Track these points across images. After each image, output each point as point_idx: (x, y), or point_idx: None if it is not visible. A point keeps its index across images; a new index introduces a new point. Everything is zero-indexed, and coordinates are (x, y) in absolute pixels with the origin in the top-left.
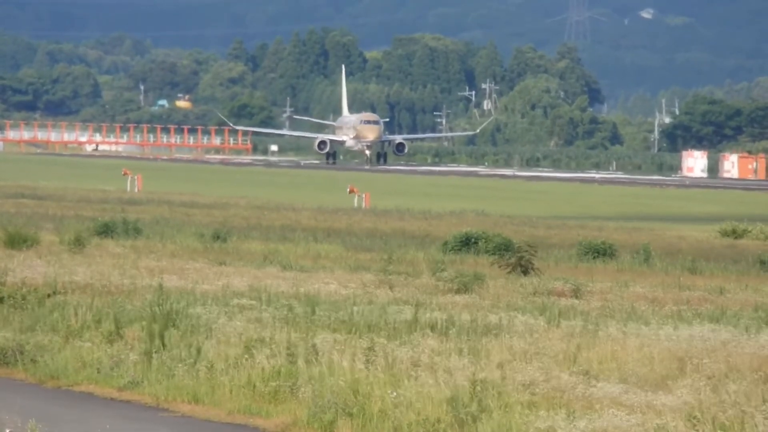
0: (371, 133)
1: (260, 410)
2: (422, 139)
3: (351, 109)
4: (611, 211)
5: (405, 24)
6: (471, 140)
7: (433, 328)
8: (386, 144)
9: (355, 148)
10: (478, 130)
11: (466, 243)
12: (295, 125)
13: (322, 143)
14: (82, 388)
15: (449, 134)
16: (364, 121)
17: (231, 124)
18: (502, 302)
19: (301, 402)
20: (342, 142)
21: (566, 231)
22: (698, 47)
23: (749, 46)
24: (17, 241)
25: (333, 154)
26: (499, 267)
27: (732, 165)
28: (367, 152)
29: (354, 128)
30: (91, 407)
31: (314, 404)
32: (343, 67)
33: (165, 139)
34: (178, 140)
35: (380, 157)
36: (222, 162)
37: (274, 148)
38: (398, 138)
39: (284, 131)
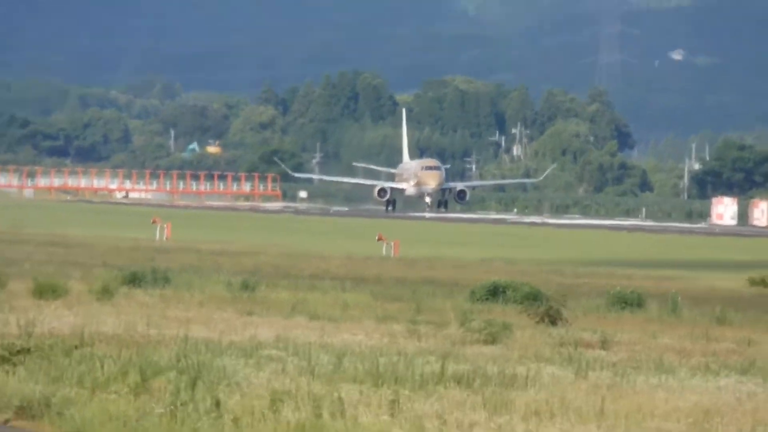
0: (433, 180)
1: None
2: (483, 187)
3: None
4: (640, 259)
5: (436, 66)
6: (501, 186)
7: (459, 381)
8: (447, 191)
9: (416, 196)
10: (542, 177)
11: (494, 292)
12: (326, 170)
13: (382, 191)
14: None
15: (512, 181)
16: (426, 167)
17: (290, 171)
18: (529, 353)
19: None
20: (402, 190)
21: (595, 279)
22: (728, 89)
23: None
24: (46, 291)
25: (393, 201)
26: (528, 317)
27: (762, 212)
28: (428, 200)
29: (415, 175)
30: None
31: None
32: (404, 111)
33: (195, 186)
34: (207, 187)
35: (441, 204)
36: (251, 209)
37: (303, 194)
38: (459, 185)
39: (349, 179)
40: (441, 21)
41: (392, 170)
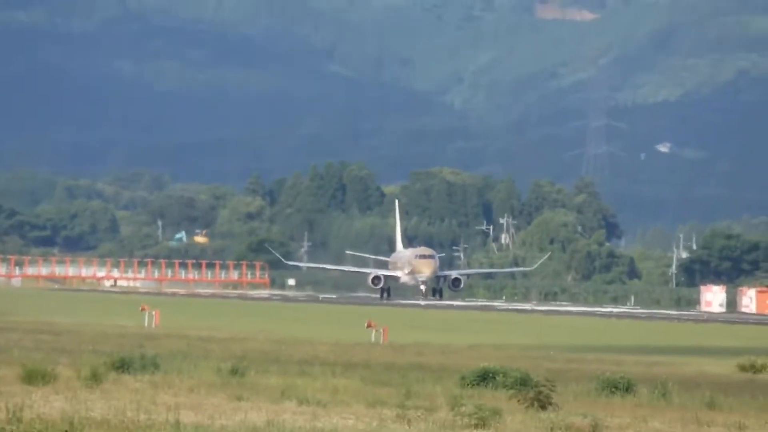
0: (427, 268)
1: None
2: (485, 275)
3: (373, 245)
4: (629, 345)
5: (423, 157)
6: (490, 274)
7: None
8: (441, 279)
9: (410, 284)
10: (536, 266)
11: (484, 378)
12: (314, 259)
13: (377, 278)
14: None
15: (506, 270)
16: (420, 255)
17: (284, 260)
18: None
19: None
20: (396, 278)
21: (585, 365)
22: (716, 181)
23: (767, 181)
24: (35, 377)
25: (387, 289)
26: (518, 402)
27: (750, 300)
28: (423, 288)
29: (409, 263)
30: None
31: None
32: (396, 202)
33: (183, 274)
34: (196, 275)
35: (436, 292)
36: (240, 296)
37: (291, 282)
38: (454, 273)
39: (341, 267)
40: (427, 114)
41: (385, 258)
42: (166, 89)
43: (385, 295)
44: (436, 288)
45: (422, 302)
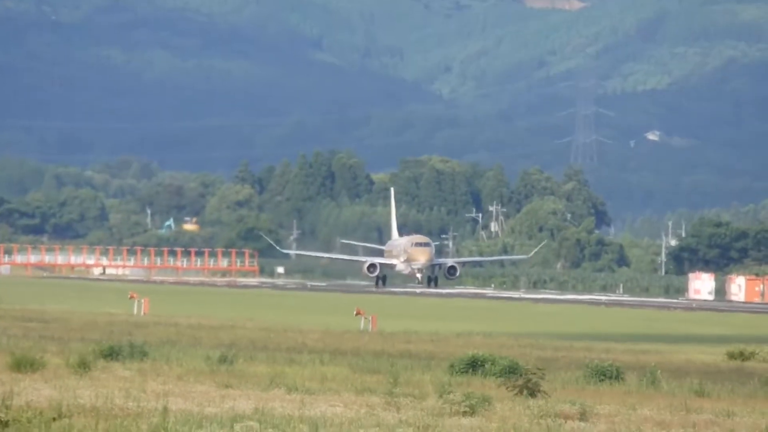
0: (422, 256)
1: None
2: (480, 263)
3: (360, 233)
4: (618, 333)
5: (412, 146)
6: (478, 262)
7: None
8: (437, 267)
9: (406, 272)
10: (531, 254)
11: (473, 365)
12: (302, 246)
13: (372, 266)
14: None
15: (503, 258)
16: (415, 243)
17: (278, 248)
18: (508, 425)
19: None
20: (392, 266)
21: (573, 353)
22: (704, 169)
23: (755, 169)
24: (24, 365)
25: (383, 277)
26: (507, 389)
27: (739, 288)
28: (419, 275)
29: (405, 251)
30: None
31: None
32: (392, 190)
33: (172, 262)
34: (185, 263)
35: (431, 280)
36: (229, 284)
37: (280, 270)
38: (450, 261)
39: (337, 255)
40: (416, 103)
41: (380, 246)
42: (154, 78)
43: (380, 283)
44: (432, 276)
45: (418, 290)
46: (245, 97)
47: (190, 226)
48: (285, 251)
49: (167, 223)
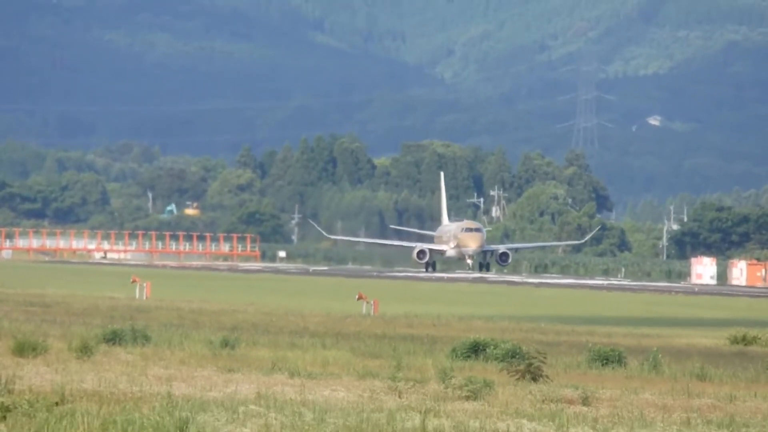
0: (473, 242)
1: None
2: (530, 249)
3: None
4: (620, 317)
5: (413, 130)
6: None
7: None
8: (489, 254)
9: (456, 258)
10: (586, 239)
11: (475, 350)
12: (304, 231)
13: (422, 252)
14: None
15: (557, 243)
16: (466, 228)
17: (325, 233)
18: (510, 409)
19: None
20: (442, 252)
21: (575, 337)
22: (706, 153)
23: (757, 153)
24: (26, 349)
25: (433, 263)
26: (509, 374)
27: (740, 272)
28: (469, 261)
29: (455, 237)
30: None
31: None
32: (442, 174)
33: (174, 246)
34: (186, 247)
35: (482, 266)
36: (230, 269)
37: (282, 254)
38: (502, 247)
39: (386, 241)
40: (418, 87)
41: (430, 233)
42: (156, 61)
43: (429, 269)
44: (483, 262)
45: (470, 276)
46: (247, 81)
47: (191, 211)
48: (334, 237)
49: (169, 207)
